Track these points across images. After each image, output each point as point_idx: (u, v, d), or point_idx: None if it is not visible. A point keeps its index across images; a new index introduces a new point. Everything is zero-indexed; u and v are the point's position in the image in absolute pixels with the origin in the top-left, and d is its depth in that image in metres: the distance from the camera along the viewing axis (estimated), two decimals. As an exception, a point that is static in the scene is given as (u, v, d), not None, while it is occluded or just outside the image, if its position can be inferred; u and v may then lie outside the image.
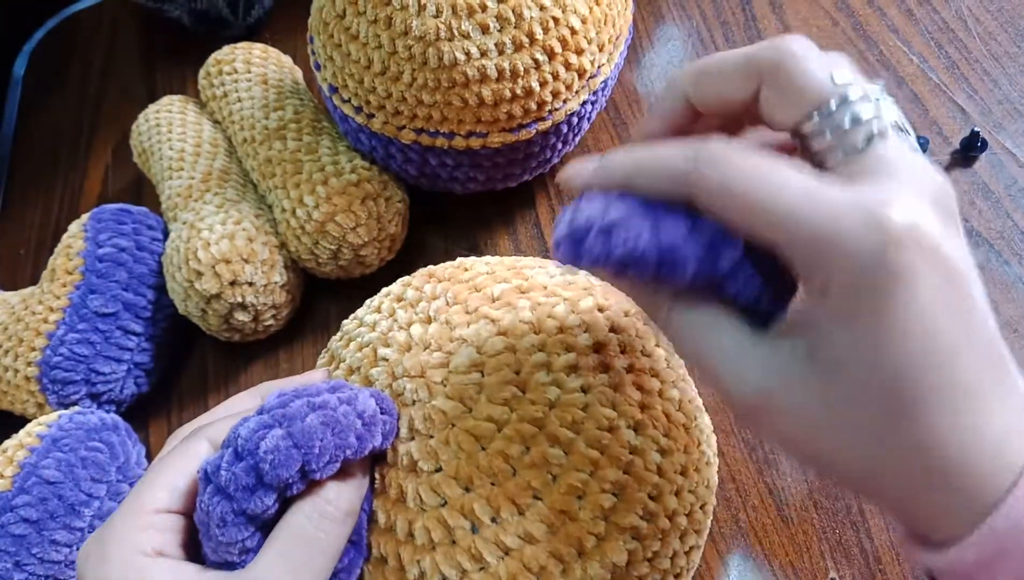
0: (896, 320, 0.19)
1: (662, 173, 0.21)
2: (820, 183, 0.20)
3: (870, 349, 0.19)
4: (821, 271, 0.19)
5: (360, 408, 0.25)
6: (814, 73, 0.21)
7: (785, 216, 0.19)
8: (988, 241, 0.41)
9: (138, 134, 0.52)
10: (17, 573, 0.36)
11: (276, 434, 0.23)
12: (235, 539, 0.23)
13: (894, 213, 0.19)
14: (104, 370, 0.43)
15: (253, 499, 0.23)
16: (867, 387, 0.19)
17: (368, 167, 0.44)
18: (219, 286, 0.41)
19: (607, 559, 0.24)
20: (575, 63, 0.40)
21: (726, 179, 0.20)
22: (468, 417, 0.26)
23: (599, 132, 0.50)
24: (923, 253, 0.19)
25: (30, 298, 0.45)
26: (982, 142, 0.43)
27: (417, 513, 0.25)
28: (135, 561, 0.23)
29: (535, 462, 0.25)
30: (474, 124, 0.40)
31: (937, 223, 0.19)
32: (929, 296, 0.19)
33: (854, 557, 0.35)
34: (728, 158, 0.20)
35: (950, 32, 0.48)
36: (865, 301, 0.19)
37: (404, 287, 0.32)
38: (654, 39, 0.53)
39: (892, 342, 0.19)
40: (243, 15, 0.61)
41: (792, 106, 0.21)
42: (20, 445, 0.39)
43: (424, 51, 0.38)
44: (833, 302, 0.20)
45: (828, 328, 0.20)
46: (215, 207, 0.45)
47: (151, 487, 0.25)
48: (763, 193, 0.20)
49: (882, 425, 0.19)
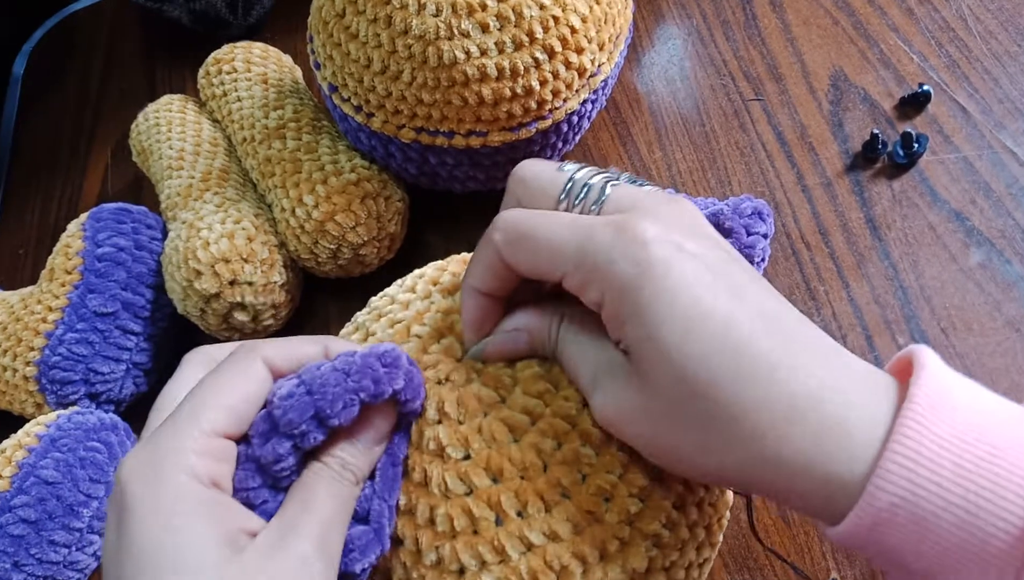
0: (660, 305, 0.21)
1: (480, 255, 0.25)
2: (580, 216, 0.24)
3: (652, 348, 0.22)
4: (592, 286, 0.23)
5: (380, 350, 0.24)
6: (545, 174, 0.26)
7: (558, 245, 0.23)
8: (989, 240, 0.41)
9: (137, 133, 0.52)
10: (16, 573, 0.36)
11: (291, 382, 0.23)
12: (246, 484, 0.23)
13: (639, 222, 0.22)
14: (103, 370, 0.43)
15: (267, 447, 0.23)
16: (666, 383, 0.22)
17: (368, 166, 0.44)
18: (218, 286, 0.41)
19: (628, 564, 0.24)
20: (575, 62, 0.39)
21: (514, 236, 0.24)
22: (503, 406, 0.26)
23: (599, 131, 0.50)
24: (670, 247, 0.22)
25: (29, 298, 0.45)
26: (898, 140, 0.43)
27: (441, 499, 0.25)
28: (191, 489, 0.21)
29: (566, 459, 0.25)
30: (474, 123, 0.40)
31: (677, 228, 0.23)
32: (685, 280, 0.22)
33: (855, 557, 0.34)
34: (513, 218, 0.24)
35: (950, 31, 0.48)
36: (629, 298, 0.22)
37: (440, 272, 0.31)
38: (654, 38, 0.53)
39: (664, 330, 0.21)
40: (242, 15, 0.61)
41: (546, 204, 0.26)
42: (19, 445, 0.39)
43: (424, 50, 0.38)
44: (608, 310, 0.23)
45: (618, 337, 0.23)
46: (214, 206, 0.45)
47: (209, 406, 0.22)
48: (541, 233, 0.24)
49: (692, 415, 0.22)
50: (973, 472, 0.20)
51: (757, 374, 0.21)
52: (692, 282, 0.22)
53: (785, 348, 0.21)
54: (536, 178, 0.26)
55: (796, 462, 0.21)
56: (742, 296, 0.22)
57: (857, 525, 0.21)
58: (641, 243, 0.22)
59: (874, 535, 0.21)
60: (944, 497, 0.20)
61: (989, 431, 0.20)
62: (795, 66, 0.49)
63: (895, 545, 0.21)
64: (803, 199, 0.44)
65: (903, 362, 0.23)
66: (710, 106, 0.49)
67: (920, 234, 0.42)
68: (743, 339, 0.21)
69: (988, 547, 0.20)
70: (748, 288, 0.22)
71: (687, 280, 0.22)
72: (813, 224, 0.43)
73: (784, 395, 0.21)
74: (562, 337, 0.25)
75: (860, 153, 0.45)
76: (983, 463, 0.20)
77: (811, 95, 0.48)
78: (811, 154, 0.46)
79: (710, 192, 0.46)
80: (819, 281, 0.42)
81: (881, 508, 0.20)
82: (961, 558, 0.20)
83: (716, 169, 0.47)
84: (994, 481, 0.19)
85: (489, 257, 0.25)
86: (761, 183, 0.46)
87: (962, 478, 0.20)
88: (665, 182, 0.47)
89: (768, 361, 0.21)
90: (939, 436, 0.20)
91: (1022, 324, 0.38)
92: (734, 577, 0.35)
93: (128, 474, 0.21)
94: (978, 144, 0.44)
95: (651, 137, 0.49)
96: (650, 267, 0.22)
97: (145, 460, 0.22)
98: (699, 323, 0.21)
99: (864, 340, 0.40)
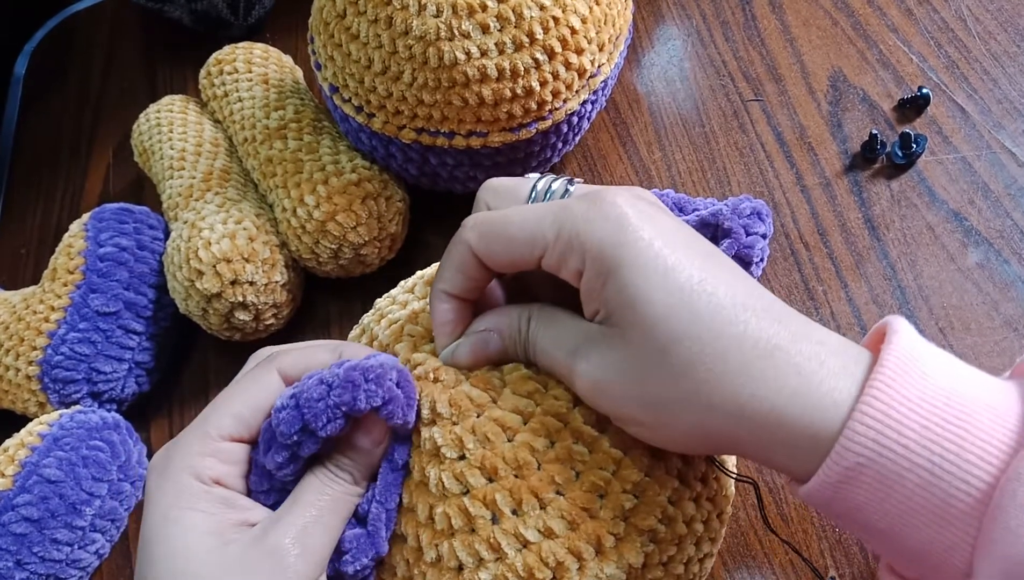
0: (639, 257, 0.22)
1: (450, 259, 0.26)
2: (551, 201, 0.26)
3: (631, 297, 0.22)
4: (572, 254, 0.23)
5: (366, 365, 0.24)
6: (513, 181, 0.28)
7: (535, 222, 0.24)
8: (987, 240, 0.41)
9: (139, 134, 0.52)
10: (18, 572, 0.37)
11: (286, 395, 0.25)
12: (257, 488, 0.25)
13: (608, 192, 0.24)
14: (105, 369, 0.43)
15: (269, 455, 0.24)
16: (644, 334, 0.22)
17: (368, 166, 0.44)
18: (220, 285, 0.41)
19: (624, 560, 0.24)
20: (575, 63, 0.40)
21: (487, 229, 0.25)
22: (495, 407, 0.26)
23: (599, 132, 0.50)
24: (643, 210, 0.23)
25: (31, 297, 0.45)
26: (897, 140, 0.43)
27: (439, 498, 0.25)
28: (189, 485, 0.24)
29: (559, 457, 0.25)
30: (474, 124, 0.40)
31: (644, 205, 0.24)
32: (662, 237, 0.23)
33: (853, 556, 0.35)
34: (484, 216, 0.26)
35: (949, 31, 0.48)
36: (608, 254, 0.23)
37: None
38: (654, 39, 0.53)
39: (641, 279, 0.22)
40: (243, 15, 0.61)
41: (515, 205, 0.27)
42: (21, 444, 0.39)
43: (424, 51, 0.38)
44: (588, 274, 0.23)
45: (596, 306, 0.24)
46: (216, 206, 0.45)
47: (219, 412, 0.25)
48: (515, 219, 0.25)
49: (675, 385, 0.22)
50: (939, 435, 0.20)
51: (732, 321, 0.22)
52: (669, 241, 0.23)
53: (759, 304, 0.23)
54: (503, 185, 0.28)
55: (769, 417, 0.22)
56: (719, 261, 0.24)
57: (824, 483, 0.21)
58: (614, 204, 0.23)
59: (840, 493, 0.21)
60: (909, 458, 0.20)
61: (958, 395, 0.21)
62: (794, 67, 0.49)
63: (860, 504, 0.21)
64: (802, 199, 0.45)
65: (879, 333, 0.24)
66: (709, 107, 0.49)
67: (918, 234, 0.42)
68: (718, 292, 0.22)
69: (950, 508, 0.20)
70: (722, 258, 0.24)
71: (664, 238, 0.23)
72: (812, 224, 0.44)
73: (757, 342, 0.22)
74: (533, 330, 0.26)
75: (859, 153, 0.45)
76: (949, 426, 0.20)
77: (810, 96, 0.48)
78: (810, 154, 0.46)
79: (709, 192, 0.46)
80: (817, 281, 0.42)
81: (848, 467, 0.21)
82: (924, 518, 0.21)
83: (715, 169, 0.47)
84: (959, 444, 0.20)
85: (460, 257, 0.26)
86: (760, 183, 0.46)
87: (928, 440, 0.20)
88: (665, 182, 0.47)
89: (741, 313, 0.22)
90: (907, 398, 0.21)
91: (1020, 324, 0.39)
92: (732, 574, 0.35)
93: (150, 469, 0.25)
94: (977, 144, 0.44)
95: (651, 137, 0.49)
96: (627, 222, 0.23)
97: (162, 457, 0.25)
98: (675, 274, 0.22)
99: (863, 340, 0.40)
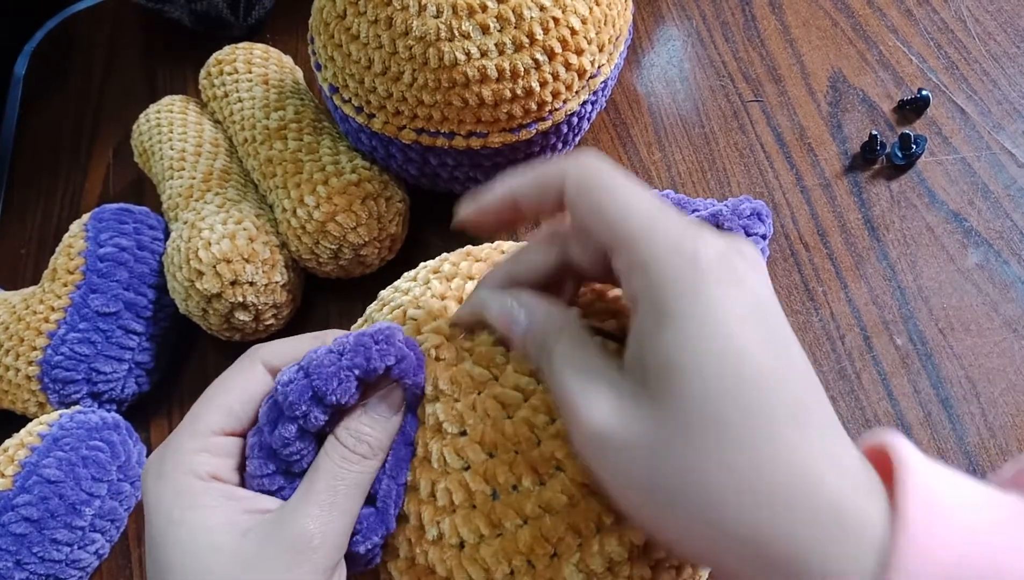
0: (706, 322, 0.20)
1: (539, 180, 0.24)
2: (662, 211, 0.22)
3: (682, 360, 0.20)
4: (638, 273, 0.21)
5: (373, 329, 0.24)
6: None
7: (633, 209, 0.22)
8: (987, 241, 0.41)
9: (139, 134, 0.52)
10: (18, 572, 0.37)
11: (292, 369, 0.24)
12: (260, 472, 0.24)
13: (710, 232, 0.21)
14: (105, 369, 0.43)
15: (275, 432, 0.24)
16: (693, 406, 0.20)
17: (368, 167, 0.44)
18: (220, 286, 0.41)
19: (625, 537, 0.24)
20: (575, 63, 0.40)
21: (590, 181, 0.23)
22: (495, 384, 0.26)
23: (599, 132, 0.50)
24: (731, 275, 0.21)
25: (31, 298, 0.45)
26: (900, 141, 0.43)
27: (441, 474, 0.25)
28: (188, 484, 0.23)
29: (559, 433, 0.25)
30: (474, 124, 0.40)
31: (742, 261, 0.21)
32: (737, 312, 0.20)
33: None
34: (596, 164, 0.23)
35: (949, 32, 0.48)
36: (680, 300, 0.20)
37: (441, 262, 0.33)
38: (654, 39, 0.53)
39: (702, 343, 0.20)
40: (244, 16, 0.61)
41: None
42: (21, 444, 0.39)
43: (424, 51, 0.38)
44: (644, 306, 0.21)
45: (638, 347, 0.21)
46: (216, 207, 0.45)
47: (207, 408, 0.25)
48: (621, 190, 0.22)
49: (719, 449, 0.19)
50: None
51: (768, 435, 0.19)
52: (742, 315, 0.20)
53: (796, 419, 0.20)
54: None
55: (787, 549, 0.19)
56: (785, 351, 0.21)
57: None
58: (709, 245, 0.21)
59: None
60: None
61: (981, 541, 0.18)
62: (794, 67, 0.49)
63: None
64: (802, 200, 0.45)
65: (878, 451, 0.21)
66: (709, 107, 0.49)
67: (918, 235, 0.42)
68: (766, 390, 0.20)
69: None
70: (791, 345, 0.21)
71: (738, 312, 0.20)
72: (811, 225, 0.44)
73: (783, 466, 0.19)
74: (557, 340, 0.24)
75: (859, 154, 0.45)
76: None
77: (810, 96, 0.48)
78: (810, 155, 0.46)
79: (709, 193, 0.46)
80: (817, 282, 0.42)
81: None
82: None
83: (715, 170, 0.47)
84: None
85: (550, 179, 0.23)
86: (760, 184, 0.46)
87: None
88: (665, 183, 0.47)
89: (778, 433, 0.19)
90: (939, 561, 0.18)
91: (1019, 325, 0.39)
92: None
93: (145, 473, 0.24)
94: (976, 145, 0.44)
95: (651, 138, 0.49)
96: (708, 276, 0.20)
97: (155, 461, 0.24)
98: (734, 359, 0.20)
99: (862, 340, 0.40)
